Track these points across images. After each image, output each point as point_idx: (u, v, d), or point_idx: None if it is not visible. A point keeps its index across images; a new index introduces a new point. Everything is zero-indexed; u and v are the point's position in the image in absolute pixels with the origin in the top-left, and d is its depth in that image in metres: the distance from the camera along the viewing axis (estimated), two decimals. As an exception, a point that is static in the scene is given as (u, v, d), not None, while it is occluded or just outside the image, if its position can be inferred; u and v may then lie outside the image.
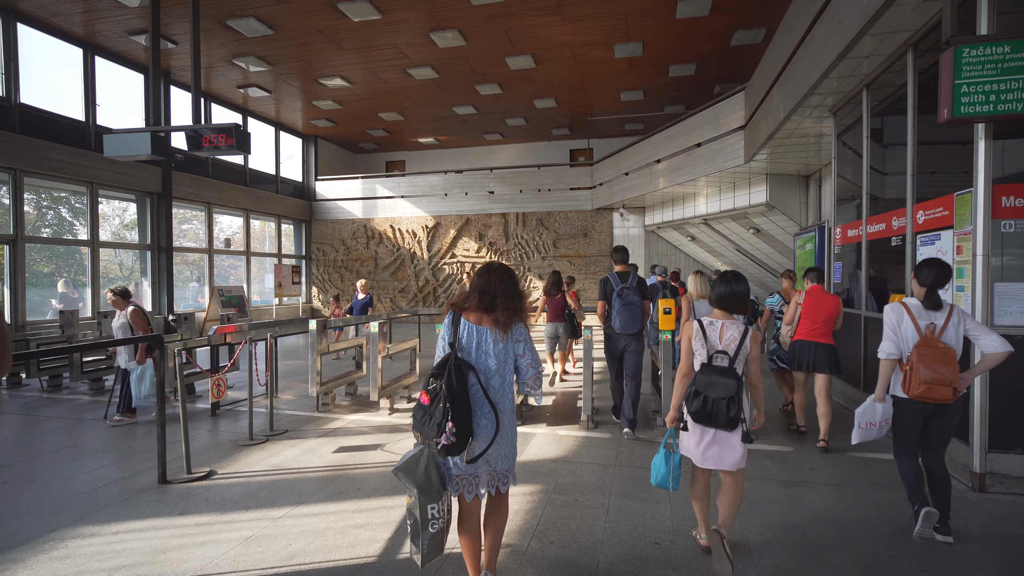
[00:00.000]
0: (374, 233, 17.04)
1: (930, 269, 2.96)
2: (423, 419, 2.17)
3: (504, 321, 2.27)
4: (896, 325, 3.00)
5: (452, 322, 2.31)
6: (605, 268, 15.20)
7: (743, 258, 13.41)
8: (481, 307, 2.29)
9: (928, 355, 2.82)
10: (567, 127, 16.85)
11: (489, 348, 2.27)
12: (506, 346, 2.29)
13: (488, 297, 2.28)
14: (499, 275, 2.32)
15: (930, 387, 2.80)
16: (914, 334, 2.93)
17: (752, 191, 10.49)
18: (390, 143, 18.89)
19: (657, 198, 13.33)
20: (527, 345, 2.33)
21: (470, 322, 2.30)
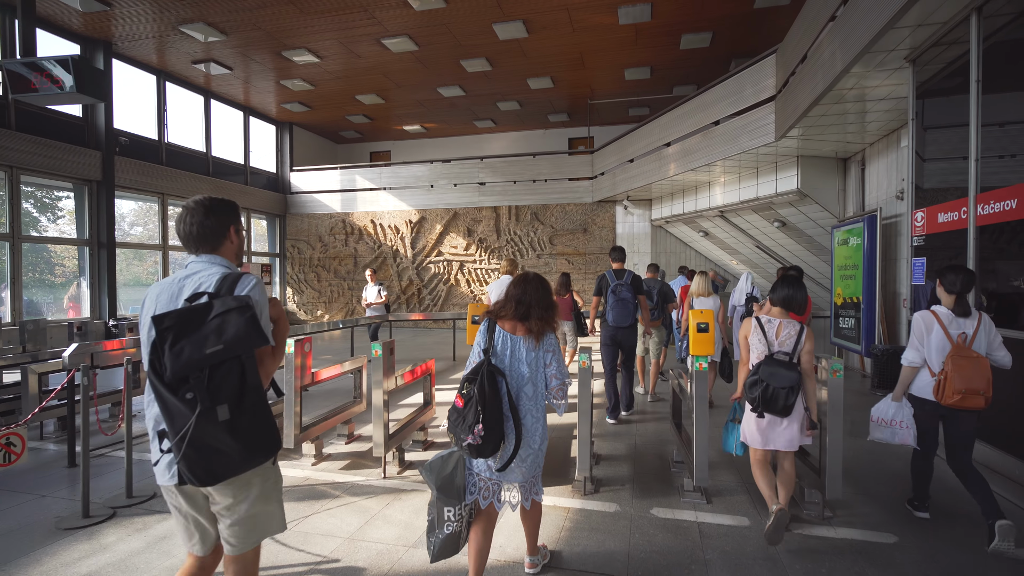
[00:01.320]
0: (353, 229, 15.55)
1: (957, 275, 3.00)
2: (456, 421, 2.22)
3: (538, 331, 2.36)
4: (924, 334, 3.07)
5: (488, 329, 2.39)
6: (606, 267, 13.69)
7: (763, 256, 11.90)
8: (516, 316, 2.38)
9: (963, 365, 2.87)
10: (565, 112, 15.34)
11: (522, 356, 2.35)
12: (538, 355, 2.38)
13: (524, 307, 2.37)
14: (535, 285, 2.42)
15: (965, 396, 2.87)
16: (945, 343, 2.99)
17: (780, 177, 8.98)
18: (373, 132, 17.40)
19: (666, 188, 11.82)
20: (555, 356, 2.41)
21: (504, 330, 2.38)
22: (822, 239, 9.78)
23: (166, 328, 1.52)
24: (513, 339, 2.37)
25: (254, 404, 1.56)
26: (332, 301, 15.66)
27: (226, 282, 1.67)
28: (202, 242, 1.78)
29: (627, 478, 3.95)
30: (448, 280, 14.79)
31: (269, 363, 1.74)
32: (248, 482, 1.69)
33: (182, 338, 1.51)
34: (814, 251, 10.38)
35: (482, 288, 14.57)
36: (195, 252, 1.79)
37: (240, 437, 1.53)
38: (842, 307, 7.85)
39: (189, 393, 1.48)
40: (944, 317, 3.02)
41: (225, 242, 1.83)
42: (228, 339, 1.52)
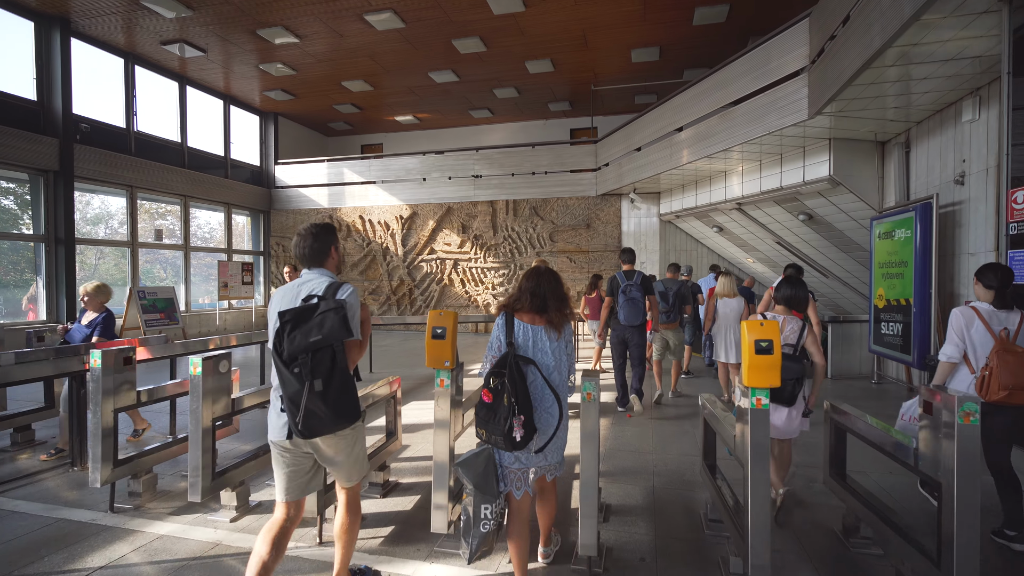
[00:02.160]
0: (341, 225, 14.58)
1: (994, 272, 3.03)
2: (487, 416, 2.24)
3: (557, 322, 2.43)
4: (964, 330, 3.02)
5: (505, 322, 2.41)
6: (611, 266, 12.69)
7: (783, 253, 10.88)
8: (534, 308, 2.43)
9: (1009, 360, 2.81)
10: (567, 100, 14.35)
11: (545, 346, 2.39)
12: (560, 344, 2.43)
13: (539, 299, 2.42)
14: (547, 278, 2.48)
15: (1012, 392, 2.78)
16: (987, 338, 2.96)
17: (808, 164, 7.97)
18: (364, 123, 16.44)
19: (676, 179, 10.81)
20: (569, 346, 2.49)
21: (524, 322, 2.41)
22: (854, 233, 8.76)
23: (286, 321, 2.07)
24: (534, 329, 2.41)
25: (341, 382, 2.09)
26: (319, 302, 14.67)
27: (331, 288, 2.20)
28: (312, 259, 2.32)
29: (646, 545, 2.96)
30: (441, 280, 13.82)
31: (354, 352, 2.25)
32: (341, 439, 2.25)
33: (295, 329, 2.05)
34: (843, 247, 9.36)
35: (477, 288, 13.59)
36: (307, 267, 2.32)
37: (330, 405, 2.05)
38: (885, 310, 6.83)
39: (297, 368, 2.02)
40: (985, 312, 3.01)
41: (328, 259, 2.36)
42: (326, 332, 2.04)
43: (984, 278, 3.08)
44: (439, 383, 2.90)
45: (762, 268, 12.12)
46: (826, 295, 11.45)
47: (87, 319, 4.89)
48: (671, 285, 6.26)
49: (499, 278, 13.40)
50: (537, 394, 2.33)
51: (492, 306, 13.46)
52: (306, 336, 2.01)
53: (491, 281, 13.45)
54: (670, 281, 6.33)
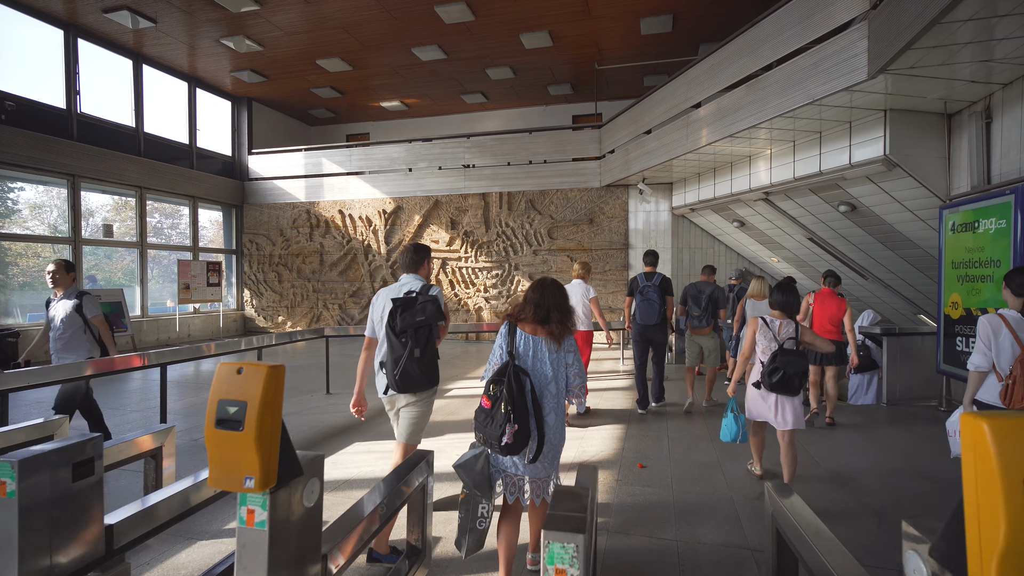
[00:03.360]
0: (319, 220, 13.27)
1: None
2: (485, 421, 2.36)
3: (558, 333, 2.48)
4: (991, 338, 3.01)
5: (508, 332, 2.51)
6: (616, 266, 11.31)
7: (814, 252, 9.46)
8: (536, 319, 2.50)
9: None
10: (568, 83, 12.98)
11: (545, 356, 2.47)
12: (560, 356, 2.49)
13: (543, 310, 2.48)
14: (552, 290, 2.56)
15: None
16: (1014, 346, 2.93)
17: (856, 142, 6.57)
18: (348, 111, 15.14)
19: (691, 166, 9.42)
20: (576, 356, 2.54)
21: (526, 332, 2.50)
22: (907, 226, 7.34)
23: (398, 305, 2.84)
24: (535, 340, 2.49)
25: (431, 352, 2.86)
26: (295, 306, 13.40)
27: (424, 287, 3.00)
28: (411, 267, 3.17)
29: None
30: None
31: (441, 332, 2.99)
32: (419, 400, 2.97)
33: (405, 312, 2.81)
34: (890, 243, 7.94)
35: (467, 291, 12.24)
36: (406, 272, 3.17)
37: (422, 369, 2.81)
38: (961, 322, 5.42)
39: (404, 339, 2.79)
40: (1012, 320, 3.00)
41: (421, 268, 3.21)
42: (428, 314, 2.80)
43: (1013, 283, 3.05)
44: (244, 515, 1.49)
45: (788, 268, 10.70)
46: (862, 299, 10.02)
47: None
48: (704, 288, 5.92)
49: (492, 279, 12.05)
50: (532, 403, 2.39)
51: (484, 310, 12.11)
52: (413, 316, 2.79)
53: (483, 282, 12.10)
54: (704, 284, 6.01)
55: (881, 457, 4.55)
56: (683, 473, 4.07)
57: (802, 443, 4.78)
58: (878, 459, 4.48)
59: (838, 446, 4.83)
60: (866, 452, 4.69)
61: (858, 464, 4.34)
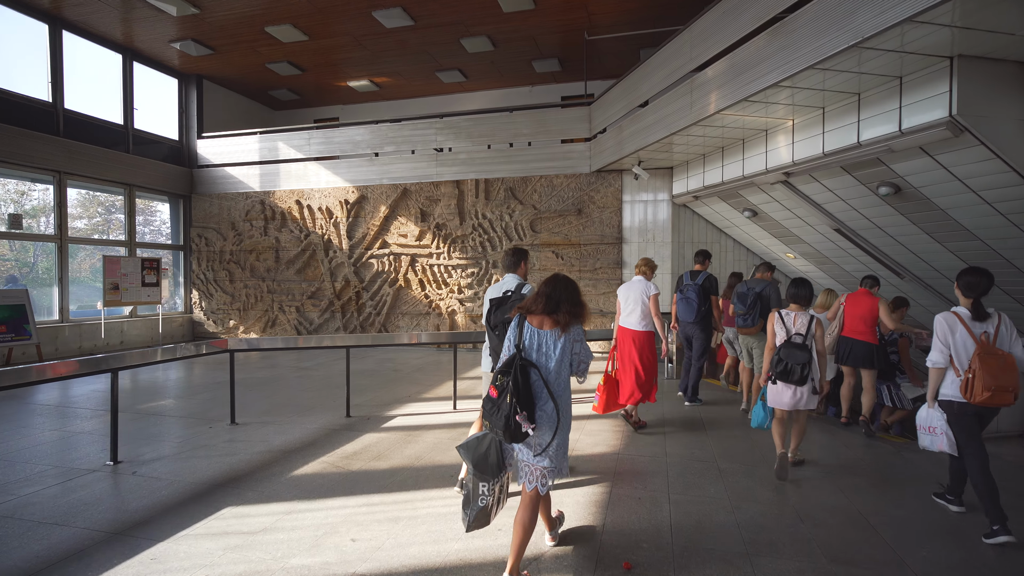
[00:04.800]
0: (275, 212, 11.78)
1: (975, 278, 3.12)
2: (492, 410, 2.43)
3: (564, 322, 2.53)
4: (948, 335, 3.16)
5: (517, 325, 2.59)
6: (608, 264, 9.86)
7: (840, 248, 8.02)
8: (546, 310, 2.54)
9: (991, 363, 2.95)
10: (555, 58, 11.52)
11: (549, 350, 2.52)
12: (564, 346, 2.52)
13: (553, 302, 2.54)
14: (564, 284, 2.59)
15: (994, 394, 2.93)
16: (970, 342, 3.08)
17: (910, 102, 5.14)
18: (314, 92, 13.67)
19: (695, 145, 7.98)
20: (583, 344, 2.62)
21: (532, 326, 2.57)
22: (964, 212, 5.91)
23: (493, 304, 3.25)
24: (540, 334, 2.54)
25: None
26: (248, 308, 11.92)
27: (518, 286, 3.34)
28: (509, 268, 3.63)
29: None
30: (395, 280, 11.00)
31: None
32: None
33: (498, 309, 3.20)
34: (939, 234, 6.51)
35: (440, 291, 10.78)
36: (506, 272, 3.64)
37: None
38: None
39: (498, 331, 3.15)
40: (965, 317, 3.13)
41: (518, 269, 3.61)
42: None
43: (962, 283, 3.19)
44: None
45: (806, 265, 9.26)
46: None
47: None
48: (754, 285, 5.65)
49: (467, 278, 10.59)
50: (537, 393, 2.47)
51: (459, 314, 10.65)
52: (503, 314, 3.13)
53: (457, 282, 10.64)
54: (754, 281, 5.75)
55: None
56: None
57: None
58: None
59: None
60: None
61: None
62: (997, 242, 6.12)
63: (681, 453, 4.48)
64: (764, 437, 4.83)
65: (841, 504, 3.51)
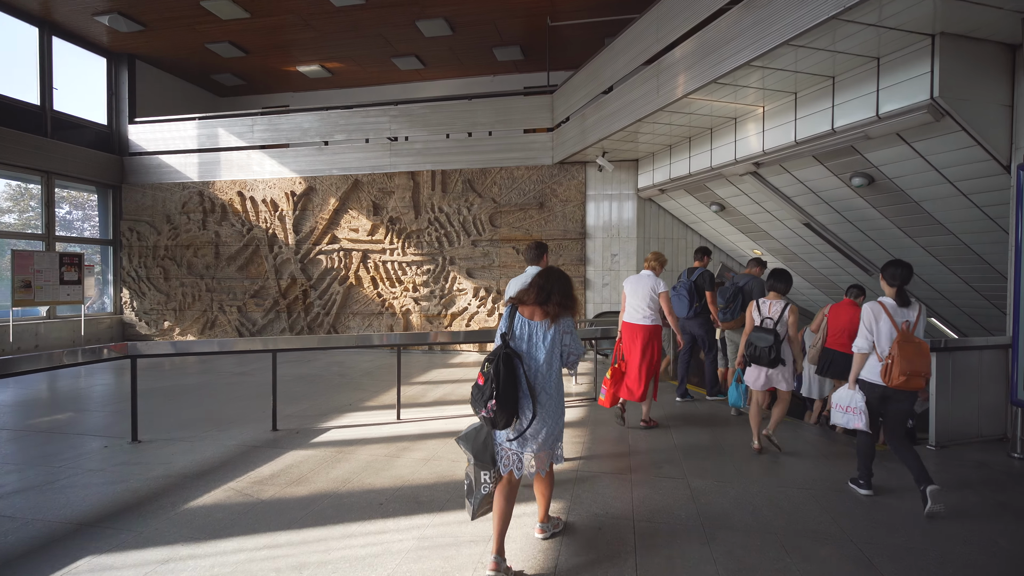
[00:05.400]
0: (215, 204, 10.88)
1: (896, 270, 3.36)
2: (477, 397, 2.48)
3: (554, 313, 2.54)
4: (873, 323, 3.37)
5: (509, 315, 2.61)
6: (571, 260, 9.39)
7: (808, 243, 7.74)
8: (537, 301, 2.55)
9: (908, 350, 3.17)
10: (517, 46, 11.00)
11: (539, 341, 2.55)
12: (554, 337, 2.55)
13: (545, 293, 2.55)
14: (557, 276, 2.61)
15: (909, 378, 3.17)
16: (892, 330, 3.30)
17: (888, 84, 4.80)
18: (262, 77, 12.78)
19: (661, 136, 7.57)
20: (572, 336, 2.62)
21: (524, 316, 2.59)
22: (937, 204, 5.65)
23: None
24: (531, 324, 2.57)
25: None
26: (185, 308, 10.97)
27: None
28: (533, 261, 3.96)
29: None
30: (346, 278, 10.27)
31: None
32: None
33: None
34: (911, 228, 6.25)
35: (393, 289, 10.11)
36: (530, 264, 3.99)
37: None
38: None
39: None
40: (889, 306, 3.35)
41: (540, 261, 3.93)
42: None
43: (887, 275, 3.41)
44: None
45: (773, 261, 8.99)
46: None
47: None
48: (738, 280, 5.62)
49: (422, 275, 9.95)
50: (521, 384, 2.49)
51: (414, 313, 10.00)
52: None
53: (412, 279, 9.99)
54: (739, 276, 5.75)
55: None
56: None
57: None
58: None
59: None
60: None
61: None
62: (970, 236, 5.89)
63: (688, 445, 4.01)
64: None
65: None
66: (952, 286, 6.98)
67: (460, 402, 6.05)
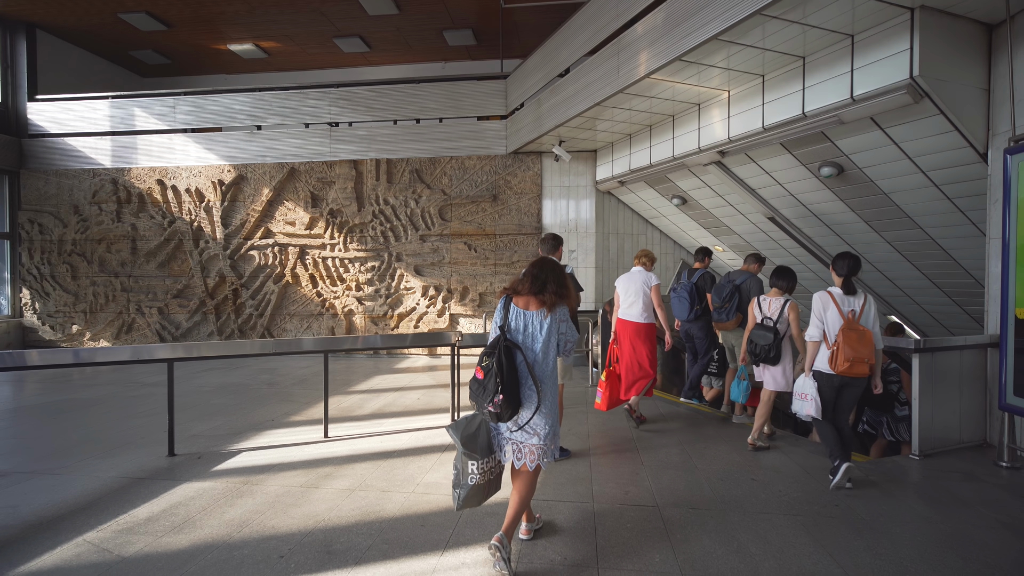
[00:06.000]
0: (131, 194, 9.74)
1: (844, 260, 3.50)
2: (478, 390, 2.45)
3: (551, 302, 2.54)
4: (822, 311, 3.49)
5: (503, 306, 2.58)
6: (527, 257, 8.83)
7: (772, 239, 7.46)
8: (532, 291, 2.56)
9: (851, 337, 3.32)
10: (469, 29, 10.36)
11: (535, 331, 2.53)
12: (551, 326, 2.54)
13: (540, 282, 2.56)
14: (551, 266, 2.64)
15: (852, 364, 3.31)
16: (838, 318, 3.41)
17: (863, 64, 4.45)
18: (189, 56, 11.64)
19: (620, 123, 7.11)
20: (568, 325, 2.62)
21: (518, 307, 2.57)
22: (906, 196, 5.39)
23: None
24: (527, 314, 2.55)
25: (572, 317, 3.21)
26: (96, 310, 9.77)
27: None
28: (549, 252, 4.06)
29: None
30: (282, 276, 9.36)
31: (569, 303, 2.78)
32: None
33: None
34: (877, 222, 6.00)
35: (335, 288, 9.27)
36: (546, 255, 3.86)
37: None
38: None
39: None
40: (837, 296, 3.47)
41: (556, 252, 4.08)
42: None
43: (836, 266, 3.54)
44: None
45: (735, 259, 8.71)
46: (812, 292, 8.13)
47: None
48: (735, 277, 5.22)
49: (367, 272, 9.17)
50: (523, 375, 2.47)
51: (357, 314, 9.21)
52: None
53: (355, 277, 9.19)
54: (736, 273, 5.28)
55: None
56: None
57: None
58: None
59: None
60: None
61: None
62: (938, 231, 5.66)
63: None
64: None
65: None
66: (914, 283, 6.81)
67: (401, 414, 5.38)
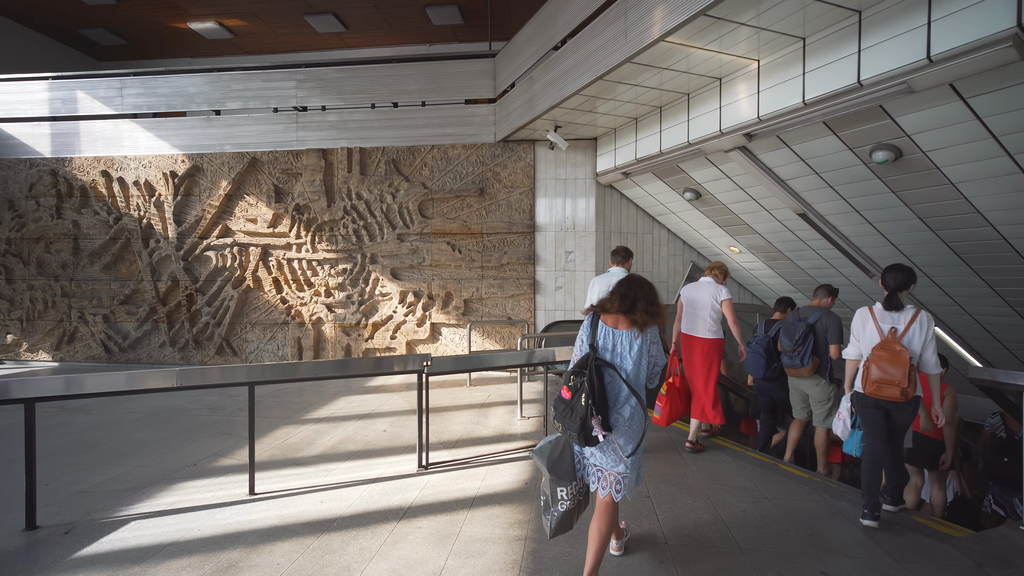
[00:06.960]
0: (72, 187, 8.66)
1: (892, 273, 3.20)
2: (564, 411, 2.31)
3: (642, 322, 2.38)
4: (860, 329, 3.24)
5: (591, 324, 2.45)
6: (518, 259, 7.80)
7: (799, 238, 6.46)
8: (621, 309, 2.40)
9: (882, 357, 3.02)
10: (455, 6, 9.34)
11: (625, 351, 2.38)
12: (641, 347, 2.38)
13: (629, 301, 2.40)
14: (640, 283, 2.45)
15: (879, 386, 3.02)
16: (875, 336, 3.14)
17: (941, 16, 3.46)
18: (146, 35, 10.58)
19: (626, 105, 6.09)
20: (658, 347, 2.47)
21: (607, 325, 2.42)
22: (981, 187, 4.40)
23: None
24: (616, 333, 2.41)
25: None
26: (34, 318, 8.69)
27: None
28: (620, 263, 4.13)
29: None
30: (242, 279, 8.30)
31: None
32: None
33: None
34: (936, 218, 5.00)
35: (302, 294, 8.22)
36: (614, 264, 4.17)
37: None
38: None
39: None
40: (877, 312, 3.20)
41: (626, 263, 4.12)
42: None
43: (884, 279, 3.25)
44: None
45: (752, 261, 7.71)
46: (851, 304, 7.14)
47: None
48: (806, 315, 4.35)
49: (338, 276, 8.12)
50: (613, 396, 2.34)
51: (326, 323, 8.16)
52: None
53: (324, 282, 8.14)
54: (807, 310, 4.41)
55: None
56: None
57: None
58: None
59: None
60: None
61: None
62: (1012, 229, 4.68)
63: None
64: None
65: None
66: (970, 290, 5.83)
67: (358, 454, 4.35)
